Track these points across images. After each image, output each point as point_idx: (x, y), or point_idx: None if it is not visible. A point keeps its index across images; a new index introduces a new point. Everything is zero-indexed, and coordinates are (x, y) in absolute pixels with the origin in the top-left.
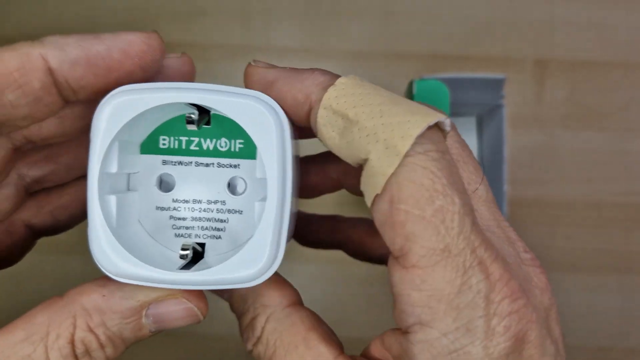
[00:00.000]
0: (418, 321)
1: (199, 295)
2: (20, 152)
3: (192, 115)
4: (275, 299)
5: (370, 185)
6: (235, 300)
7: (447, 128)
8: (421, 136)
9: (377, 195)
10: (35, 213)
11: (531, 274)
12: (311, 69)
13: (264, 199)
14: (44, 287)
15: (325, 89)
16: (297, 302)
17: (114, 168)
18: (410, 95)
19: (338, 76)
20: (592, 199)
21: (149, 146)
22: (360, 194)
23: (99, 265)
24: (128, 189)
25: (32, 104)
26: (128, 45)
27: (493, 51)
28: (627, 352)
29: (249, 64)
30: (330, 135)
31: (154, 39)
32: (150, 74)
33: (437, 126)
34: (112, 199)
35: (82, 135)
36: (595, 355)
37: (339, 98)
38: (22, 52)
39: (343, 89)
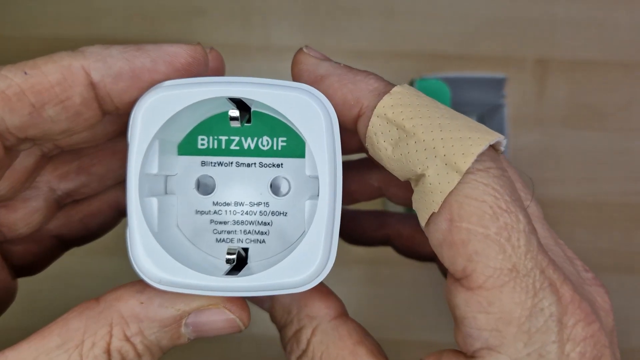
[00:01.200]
0: (486, 346)
1: (242, 304)
2: (47, 159)
3: (235, 112)
4: (321, 310)
5: (426, 202)
6: (277, 310)
7: (502, 148)
8: (481, 154)
9: (433, 214)
10: (65, 223)
11: (594, 295)
12: (365, 71)
13: (312, 198)
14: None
15: (379, 96)
16: (343, 313)
17: (154, 169)
18: None
19: (392, 84)
20: (592, 199)
21: (187, 147)
22: (403, 203)
23: (139, 272)
24: (165, 192)
25: (72, 119)
26: (173, 58)
27: (493, 50)
28: (628, 352)
29: (301, 49)
30: (382, 145)
31: (199, 52)
32: None
33: (493, 146)
34: (154, 202)
35: (113, 144)
36: None
37: (395, 107)
38: (63, 65)
39: (399, 98)
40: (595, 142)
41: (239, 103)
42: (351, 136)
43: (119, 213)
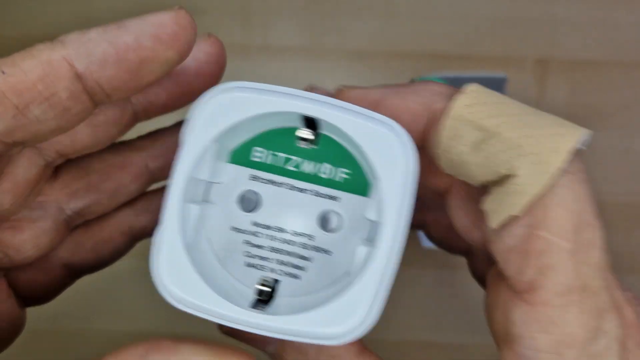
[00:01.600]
0: (547, 352)
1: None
2: (52, 171)
3: (308, 133)
4: (342, 348)
5: (507, 203)
6: (289, 352)
7: (584, 147)
8: (572, 153)
9: (512, 217)
10: (75, 250)
11: None
12: (423, 81)
13: (365, 244)
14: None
15: (449, 97)
16: (364, 347)
17: (204, 175)
18: None
19: (456, 89)
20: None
21: (240, 156)
22: (439, 238)
23: (159, 287)
24: (205, 201)
25: (61, 116)
26: (158, 29)
27: (494, 50)
28: None
29: (340, 90)
30: (460, 149)
31: (183, 17)
32: (184, 58)
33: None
34: (194, 209)
35: (123, 157)
36: None
37: (472, 107)
38: (42, 59)
39: (475, 97)
40: (596, 141)
41: (310, 122)
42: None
43: (132, 239)
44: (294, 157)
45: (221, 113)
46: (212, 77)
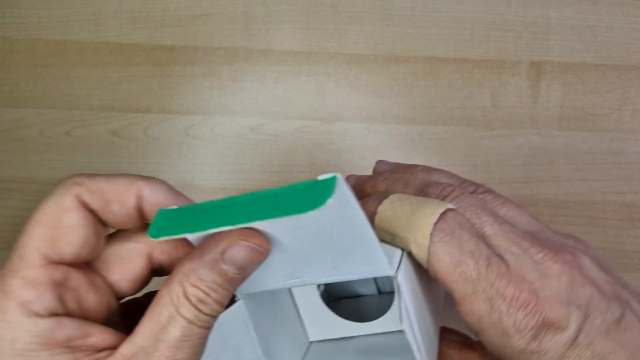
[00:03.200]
0: (476, 330)
1: (259, 235)
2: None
3: None
4: None
5: (422, 262)
6: None
7: (453, 207)
8: (434, 233)
9: (428, 268)
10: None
11: (546, 270)
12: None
13: None
14: None
15: (380, 201)
16: None
17: None
18: None
19: (384, 199)
20: (586, 199)
21: None
22: None
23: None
24: None
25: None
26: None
27: (489, 54)
28: None
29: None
30: (386, 240)
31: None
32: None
33: (449, 213)
34: None
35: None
36: None
37: (383, 220)
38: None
39: (387, 209)
40: (589, 142)
41: None
42: None
43: None
44: None
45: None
46: None
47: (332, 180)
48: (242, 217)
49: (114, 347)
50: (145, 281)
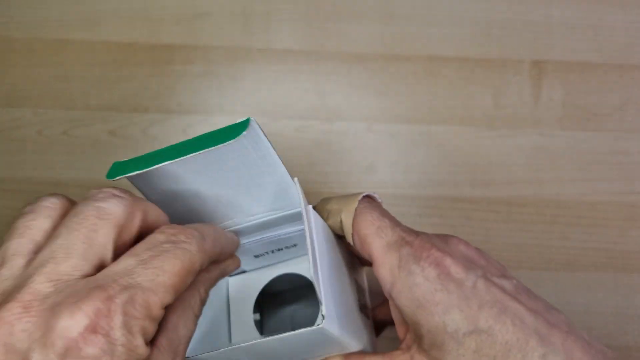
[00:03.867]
0: (389, 283)
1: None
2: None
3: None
4: None
5: (347, 230)
6: None
7: (379, 199)
8: (361, 202)
9: (352, 233)
10: None
11: (447, 241)
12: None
13: None
14: None
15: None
16: None
17: None
18: None
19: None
20: (588, 199)
21: None
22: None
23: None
24: None
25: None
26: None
27: (491, 53)
28: (623, 349)
29: None
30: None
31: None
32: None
33: (369, 197)
34: None
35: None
36: None
37: (330, 204)
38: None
39: (321, 203)
40: (591, 142)
41: None
42: None
43: None
44: None
45: None
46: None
47: (246, 122)
48: (177, 154)
49: None
50: None
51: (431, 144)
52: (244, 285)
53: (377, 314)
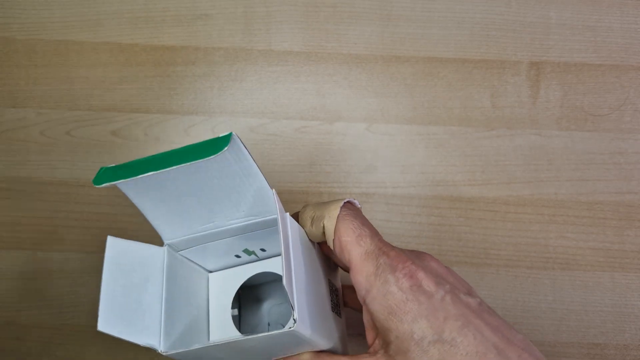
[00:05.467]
0: (365, 289)
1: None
2: None
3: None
4: None
5: (329, 235)
6: None
7: (358, 205)
8: (342, 208)
9: (334, 239)
10: None
11: (420, 257)
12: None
13: None
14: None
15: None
16: None
17: None
18: None
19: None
20: (586, 198)
21: None
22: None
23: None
24: None
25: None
26: None
27: (489, 54)
28: (621, 348)
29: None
30: (308, 228)
31: None
32: None
33: (350, 203)
34: None
35: None
36: (590, 351)
37: (304, 213)
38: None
39: (304, 211)
40: (588, 142)
41: None
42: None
43: None
44: None
45: None
46: None
47: (229, 136)
48: (161, 165)
49: None
50: None
51: (430, 144)
52: (224, 281)
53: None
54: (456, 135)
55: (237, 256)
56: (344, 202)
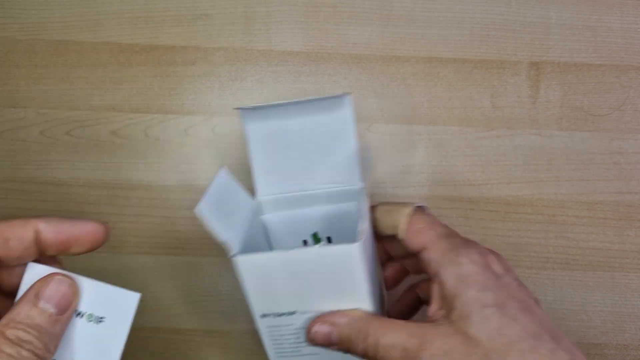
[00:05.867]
0: (438, 263)
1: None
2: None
3: None
4: None
5: (403, 226)
6: None
7: (427, 209)
8: (416, 209)
9: (407, 228)
10: None
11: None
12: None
13: None
14: None
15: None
16: None
17: None
18: None
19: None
20: (585, 198)
21: None
22: (416, 272)
23: None
24: None
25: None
26: (86, 234)
27: (489, 54)
28: (620, 347)
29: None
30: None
31: (103, 230)
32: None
33: (421, 208)
34: None
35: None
36: (590, 350)
37: (388, 206)
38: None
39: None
40: (588, 142)
41: None
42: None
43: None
44: None
45: None
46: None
47: (347, 94)
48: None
49: None
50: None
51: (430, 144)
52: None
53: (417, 291)
54: (456, 135)
55: (304, 241)
56: (417, 205)
